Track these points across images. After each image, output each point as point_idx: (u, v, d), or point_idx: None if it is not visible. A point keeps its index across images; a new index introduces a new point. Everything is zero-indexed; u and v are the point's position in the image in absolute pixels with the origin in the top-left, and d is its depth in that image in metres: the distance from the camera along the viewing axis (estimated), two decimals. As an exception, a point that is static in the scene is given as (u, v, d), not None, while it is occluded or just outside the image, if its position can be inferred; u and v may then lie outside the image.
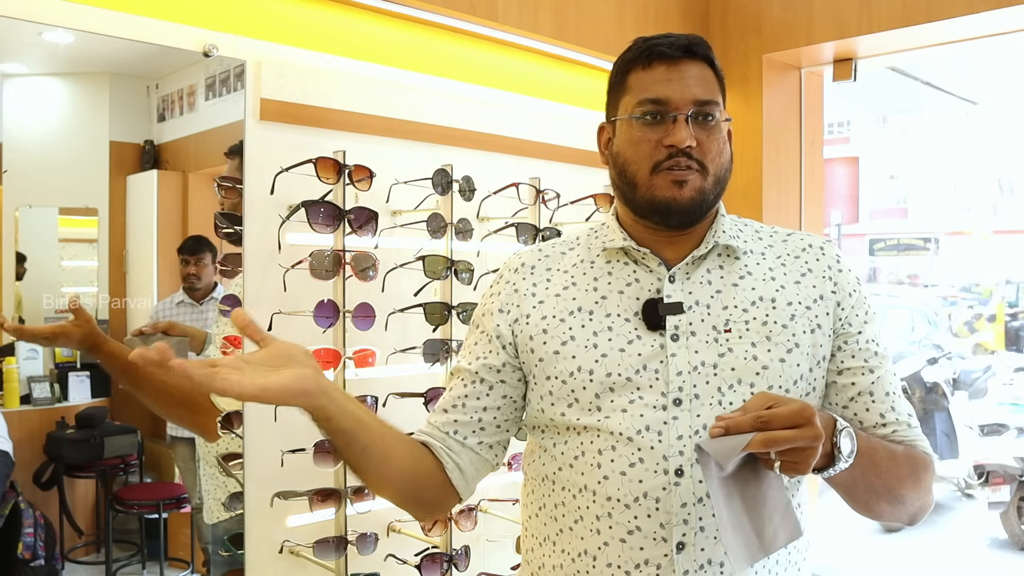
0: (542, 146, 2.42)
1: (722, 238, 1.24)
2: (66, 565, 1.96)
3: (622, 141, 1.22)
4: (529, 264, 1.32)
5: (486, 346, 1.29)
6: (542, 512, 1.26)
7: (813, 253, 1.27)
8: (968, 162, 22.87)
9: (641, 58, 1.21)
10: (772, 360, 1.17)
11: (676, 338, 1.18)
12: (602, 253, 1.28)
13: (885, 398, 1.23)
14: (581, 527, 1.19)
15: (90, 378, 2.02)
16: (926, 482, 1.21)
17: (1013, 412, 6.28)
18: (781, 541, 1.03)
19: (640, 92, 1.20)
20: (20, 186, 1.88)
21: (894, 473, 1.16)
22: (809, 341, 1.20)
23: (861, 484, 1.14)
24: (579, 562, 1.19)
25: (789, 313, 1.20)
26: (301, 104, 1.92)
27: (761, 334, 1.18)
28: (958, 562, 5.59)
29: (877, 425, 1.22)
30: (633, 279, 1.24)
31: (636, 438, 1.15)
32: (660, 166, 1.17)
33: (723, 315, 1.19)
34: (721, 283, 1.22)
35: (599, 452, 1.17)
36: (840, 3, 2.52)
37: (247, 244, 1.84)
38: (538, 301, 1.26)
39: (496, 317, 1.29)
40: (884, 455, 1.16)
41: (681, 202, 1.17)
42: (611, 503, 1.16)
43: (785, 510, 1.04)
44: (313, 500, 1.86)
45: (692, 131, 1.16)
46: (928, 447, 1.25)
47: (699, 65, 1.20)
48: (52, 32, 1.72)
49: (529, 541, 1.31)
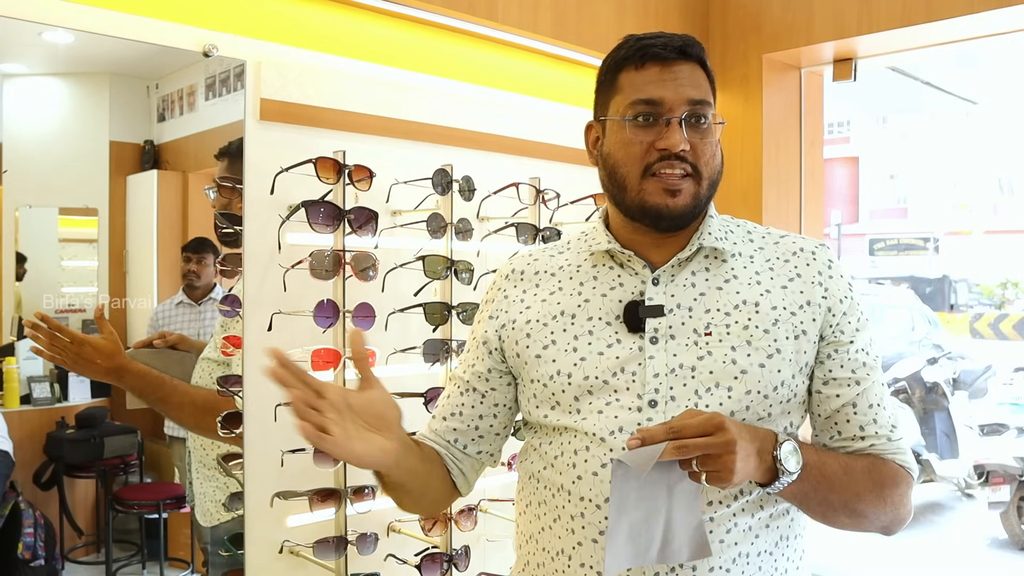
0: (542, 146, 2.42)
1: (707, 240, 1.22)
2: (66, 565, 1.96)
3: (613, 142, 1.20)
4: (519, 270, 1.33)
5: (475, 352, 1.32)
6: (528, 510, 1.28)
7: (804, 257, 1.24)
8: (968, 162, 22.87)
9: (634, 57, 1.19)
10: (751, 364, 1.15)
11: (655, 340, 1.17)
12: (589, 257, 1.27)
13: (868, 410, 1.20)
14: (559, 526, 1.20)
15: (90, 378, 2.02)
16: (894, 497, 1.18)
17: (1013, 412, 6.28)
18: (685, 556, 1.07)
19: (632, 92, 1.18)
20: (20, 186, 1.88)
21: (850, 488, 1.15)
22: (792, 347, 1.17)
23: (813, 498, 1.14)
24: (556, 561, 1.21)
25: (772, 318, 1.18)
26: (301, 104, 1.92)
27: (742, 338, 1.16)
28: (958, 562, 5.59)
29: (856, 438, 1.20)
30: (617, 283, 1.23)
31: (609, 439, 1.15)
32: (651, 168, 1.16)
33: (705, 318, 1.18)
34: (706, 286, 1.21)
35: (575, 452, 1.18)
36: (840, 3, 2.52)
37: (247, 244, 1.84)
38: (525, 306, 1.27)
39: (486, 324, 1.31)
40: (837, 469, 1.15)
41: (674, 209, 1.16)
42: (583, 503, 1.17)
43: (697, 528, 1.06)
44: (313, 500, 1.86)
45: (686, 134, 1.15)
46: (908, 460, 1.22)
47: (692, 66, 1.19)
48: (52, 32, 1.72)
49: (519, 538, 1.34)
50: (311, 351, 1.86)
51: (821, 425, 1.23)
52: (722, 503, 1.14)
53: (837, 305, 1.21)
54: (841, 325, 1.21)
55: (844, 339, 1.21)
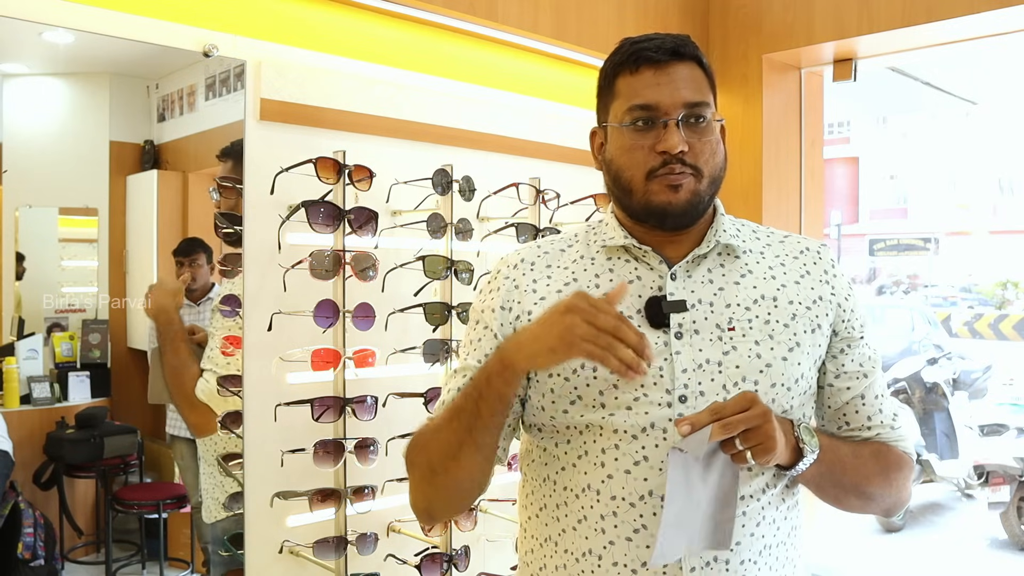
0: (542, 146, 2.42)
1: (723, 237, 1.24)
2: (66, 565, 1.96)
3: (615, 148, 1.21)
4: (529, 260, 1.30)
5: (491, 343, 1.26)
6: (543, 513, 1.26)
7: (811, 256, 1.28)
8: (968, 162, 22.88)
9: (628, 62, 1.20)
10: (775, 358, 1.18)
11: (680, 336, 1.17)
12: (602, 250, 1.27)
13: (874, 401, 1.27)
14: (585, 527, 1.19)
15: (90, 378, 2.02)
16: (898, 480, 1.26)
17: (1013, 412, 6.28)
18: (705, 544, 1.10)
19: (629, 98, 1.19)
20: (20, 186, 1.88)
21: (860, 471, 1.22)
22: (810, 340, 1.21)
23: (828, 479, 1.20)
24: (583, 562, 1.19)
25: (790, 312, 1.21)
26: (301, 104, 1.92)
27: (764, 332, 1.19)
28: (958, 562, 5.59)
29: (863, 427, 1.26)
30: (635, 276, 1.23)
31: (640, 436, 1.15)
32: (655, 172, 1.17)
33: (726, 313, 1.19)
34: (723, 281, 1.22)
35: (602, 451, 1.17)
36: (840, 3, 2.52)
37: (247, 244, 1.84)
38: (539, 297, 1.25)
39: (498, 314, 1.27)
40: (848, 453, 1.22)
41: (677, 205, 1.17)
42: (615, 502, 1.16)
43: (727, 519, 1.10)
44: (313, 500, 1.86)
45: (684, 135, 1.16)
46: (909, 446, 1.29)
47: (688, 66, 1.19)
48: (52, 32, 1.72)
49: (529, 542, 1.30)
50: (311, 351, 1.86)
51: (830, 416, 1.28)
52: (752, 496, 1.17)
53: (844, 302, 1.25)
54: (851, 321, 1.25)
55: (855, 334, 1.26)
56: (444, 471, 1.21)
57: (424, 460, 1.23)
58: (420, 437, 1.25)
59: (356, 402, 1.91)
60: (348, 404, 1.90)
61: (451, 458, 1.19)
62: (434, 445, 1.21)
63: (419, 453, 1.24)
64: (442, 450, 1.20)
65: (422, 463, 1.23)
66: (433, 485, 1.24)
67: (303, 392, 1.86)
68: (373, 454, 1.94)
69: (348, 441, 1.90)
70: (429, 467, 1.22)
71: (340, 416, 1.89)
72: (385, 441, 1.97)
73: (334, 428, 1.89)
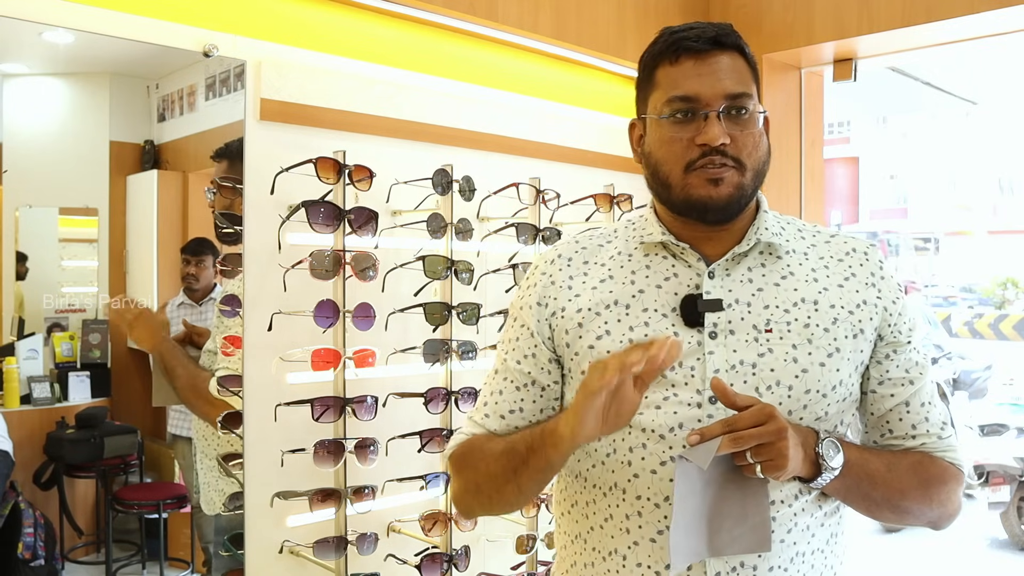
0: (542, 146, 2.42)
1: (764, 235, 1.19)
2: (66, 565, 1.96)
3: (653, 140, 1.18)
4: (566, 256, 1.27)
5: (529, 341, 1.25)
6: (574, 509, 1.24)
7: (857, 258, 1.22)
8: (968, 162, 22.88)
9: (668, 52, 1.16)
10: (812, 363, 1.14)
11: (714, 335, 1.15)
12: (640, 246, 1.24)
13: (920, 409, 1.21)
14: (611, 525, 1.18)
15: (90, 378, 2.02)
16: (941, 494, 1.19)
17: (1013, 412, 6.27)
18: (740, 548, 1.07)
19: (669, 89, 1.15)
20: (20, 186, 1.88)
21: (893, 485, 1.16)
22: (851, 346, 1.16)
23: (855, 494, 1.15)
24: (609, 561, 1.18)
25: (832, 316, 1.16)
26: (301, 104, 1.92)
27: (803, 336, 1.15)
28: (958, 562, 5.59)
29: (907, 436, 1.21)
30: (671, 273, 1.20)
31: (668, 436, 1.13)
32: (694, 165, 1.13)
33: (764, 314, 1.16)
34: (763, 281, 1.18)
35: (630, 450, 1.15)
36: (840, 3, 2.52)
37: (247, 244, 1.84)
38: (574, 294, 1.23)
39: (535, 311, 1.25)
40: (880, 467, 1.16)
41: (718, 199, 1.13)
42: (640, 502, 1.14)
43: (760, 522, 1.06)
44: (313, 500, 1.86)
45: (725, 127, 1.12)
46: (958, 457, 1.22)
47: (729, 55, 1.15)
48: (52, 32, 1.72)
49: (562, 538, 1.29)
50: (311, 351, 1.86)
51: (873, 423, 1.23)
52: (784, 502, 1.14)
53: (891, 305, 1.20)
54: (898, 325, 1.20)
55: (902, 339, 1.20)
56: (489, 494, 1.22)
57: (471, 477, 1.23)
58: (469, 454, 1.23)
59: (356, 402, 1.91)
60: (348, 404, 1.90)
61: (496, 489, 1.19)
62: (483, 468, 1.20)
63: (466, 468, 1.23)
64: (489, 479, 1.19)
65: (468, 479, 1.23)
66: (478, 499, 1.25)
67: (303, 392, 1.86)
68: (373, 454, 1.95)
69: (348, 441, 1.90)
70: (475, 484, 1.22)
71: (340, 416, 1.89)
72: (385, 441, 1.97)
73: (334, 428, 1.89)
